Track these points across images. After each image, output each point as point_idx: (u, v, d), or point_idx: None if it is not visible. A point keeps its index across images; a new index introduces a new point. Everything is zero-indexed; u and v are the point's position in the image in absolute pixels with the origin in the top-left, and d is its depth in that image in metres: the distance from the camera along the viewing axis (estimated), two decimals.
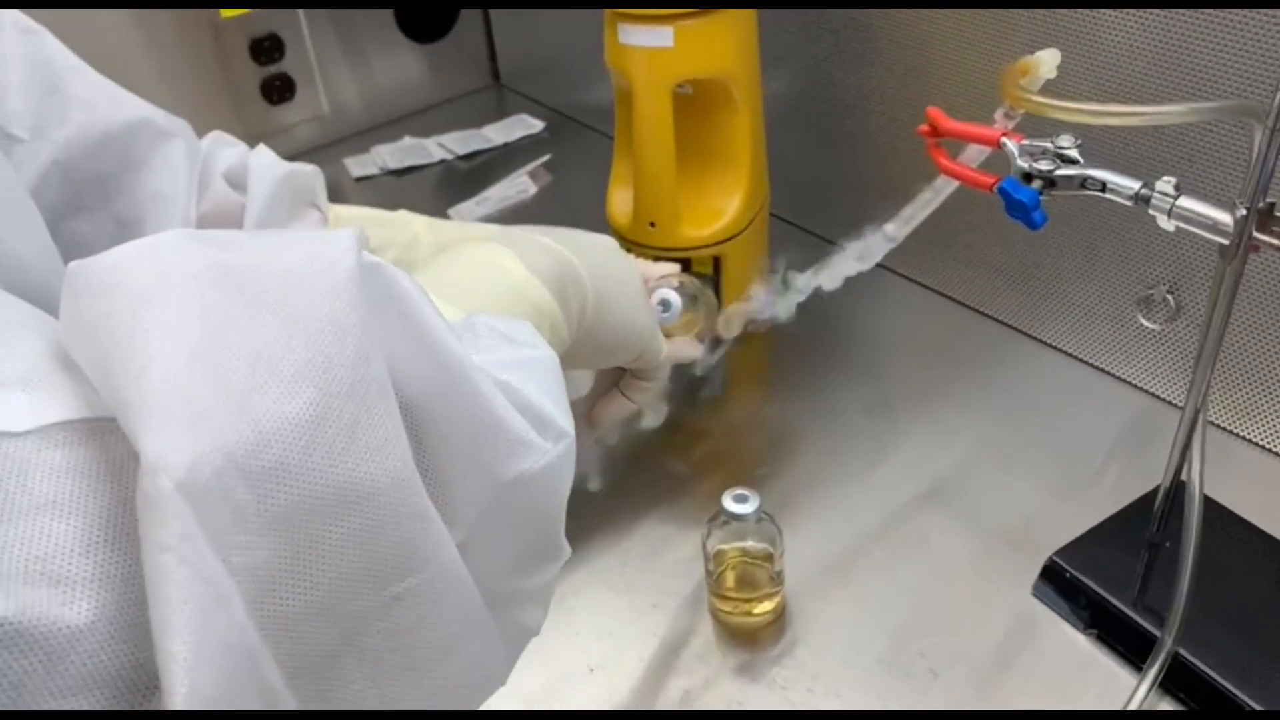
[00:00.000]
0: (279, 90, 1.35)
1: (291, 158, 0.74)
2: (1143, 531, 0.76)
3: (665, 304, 0.69)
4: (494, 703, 0.62)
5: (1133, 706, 0.67)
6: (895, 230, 0.79)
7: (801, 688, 0.72)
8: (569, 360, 0.60)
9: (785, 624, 0.77)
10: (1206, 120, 0.59)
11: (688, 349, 0.73)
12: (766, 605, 0.76)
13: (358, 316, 0.34)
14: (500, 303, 0.51)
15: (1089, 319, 0.96)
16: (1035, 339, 1.01)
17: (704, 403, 0.99)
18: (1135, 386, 0.94)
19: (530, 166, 1.30)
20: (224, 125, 1.35)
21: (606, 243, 0.64)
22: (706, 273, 0.99)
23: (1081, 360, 0.98)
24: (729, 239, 0.96)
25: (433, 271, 0.52)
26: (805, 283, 0.81)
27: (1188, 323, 0.88)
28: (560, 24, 1.43)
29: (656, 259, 0.94)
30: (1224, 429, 0.89)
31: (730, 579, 0.76)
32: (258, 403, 0.31)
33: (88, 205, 0.63)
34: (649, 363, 0.66)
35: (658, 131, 0.89)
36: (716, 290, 0.99)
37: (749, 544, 0.74)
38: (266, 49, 1.32)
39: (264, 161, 0.69)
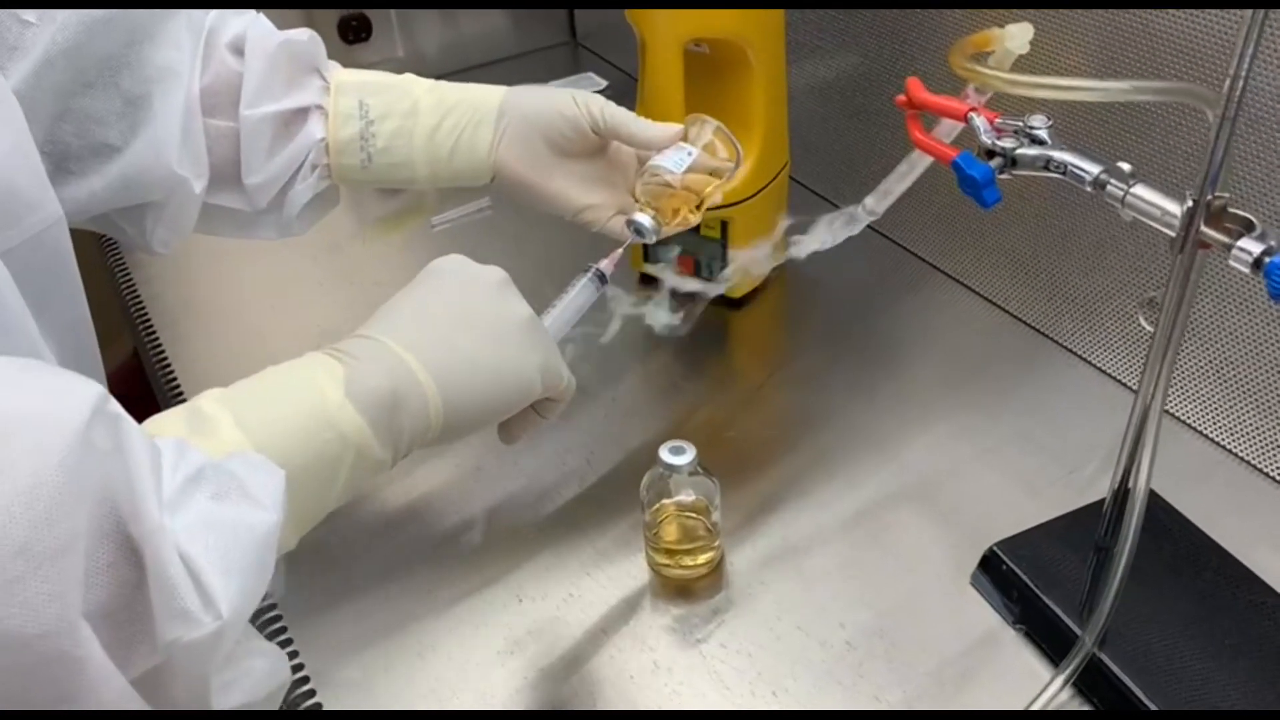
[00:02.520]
0: (355, 30, 1.40)
1: None
2: (1092, 534, 0.74)
3: (639, 230, 0.75)
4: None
5: (1039, 703, 0.65)
6: (874, 204, 0.79)
7: (716, 642, 0.72)
8: (442, 440, 0.61)
9: (721, 585, 0.77)
10: (1153, 99, 0.56)
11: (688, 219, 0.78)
12: (700, 559, 0.76)
13: (62, 477, 0.38)
14: (302, 431, 0.52)
15: (1098, 321, 0.93)
16: (1048, 337, 0.98)
17: (701, 362, 0.99)
18: (1133, 390, 0.91)
19: None
20: None
21: (478, 301, 0.64)
22: (714, 236, 0.99)
23: (1088, 362, 0.95)
24: (736, 203, 0.96)
25: (249, 388, 0.54)
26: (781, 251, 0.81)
27: (1192, 329, 0.85)
28: None
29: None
30: (1229, 450, 0.85)
31: (668, 532, 0.77)
32: None
33: (94, 81, 0.66)
34: (557, 396, 0.67)
35: (667, 86, 0.89)
36: (723, 254, 0.99)
37: (683, 497, 0.75)
38: None
39: (259, 32, 0.72)
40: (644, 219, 0.75)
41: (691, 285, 0.87)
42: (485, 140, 0.76)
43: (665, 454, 0.73)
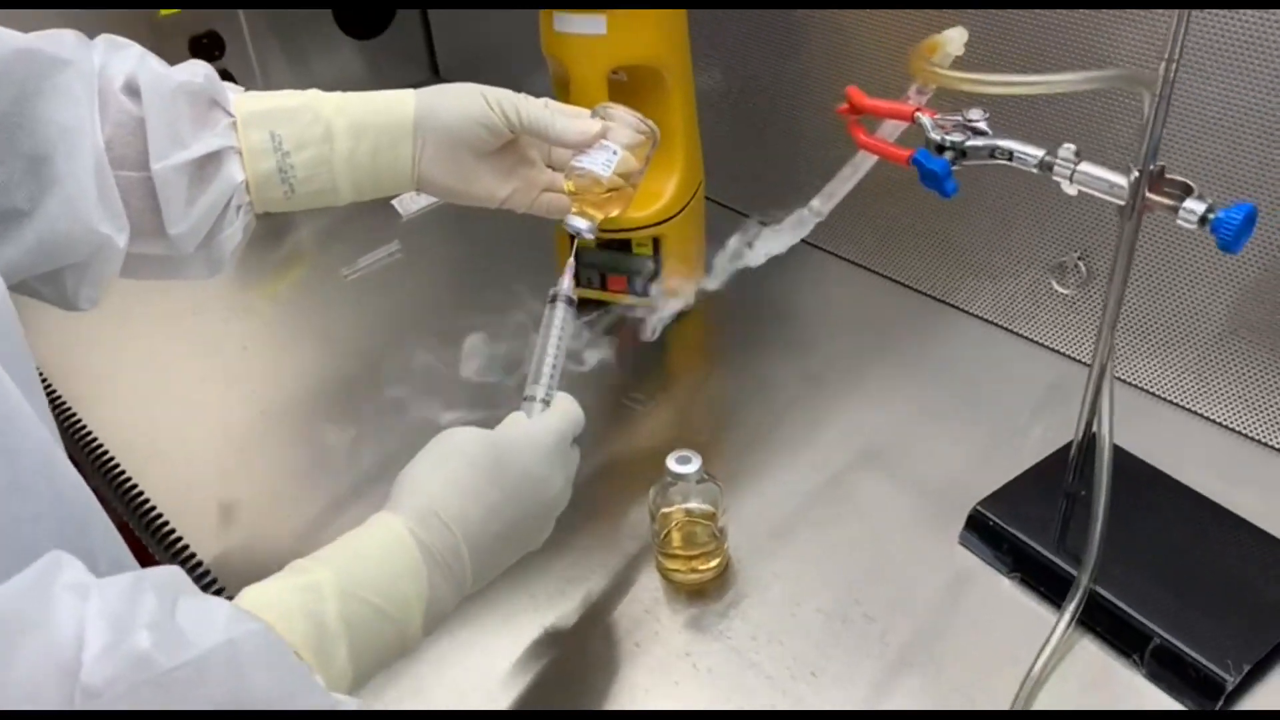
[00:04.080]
0: None
1: None
2: (1058, 482, 0.81)
3: (577, 233, 0.78)
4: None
5: (1054, 641, 0.72)
6: (820, 205, 0.84)
7: (745, 636, 0.76)
8: None
9: (729, 580, 0.81)
10: (1100, 88, 0.63)
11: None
12: (711, 563, 0.80)
13: None
14: (381, 662, 0.59)
15: (1007, 287, 1.01)
16: (958, 308, 1.06)
17: (646, 376, 1.02)
18: (1052, 350, 1.00)
19: None
20: None
21: (535, 507, 0.68)
22: (646, 253, 1.02)
23: (1002, 327, 1.03)
24: (666, 220, 0.99)
25: (363, 608, 0.57)
26: (734, 258, 0.85)
27: (1100, 288, 0.94)
28: (498, 17, 1.46)
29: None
30: (1150, 392, 0.94)
31: (676, 538, 0.80)
32: None
33: None
34: None
35: None
36: (656, 269, 1.03)
37: (692, 504, 0.78)
38: (205, 46, 1.33)
39: (152, 76, 0.70)
40: (580, 223, 0.78)
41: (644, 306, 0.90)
42: (405, 158, 0.77)
43: (673, 463, 0.76)
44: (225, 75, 1.36)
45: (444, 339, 1.07)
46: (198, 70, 0.72)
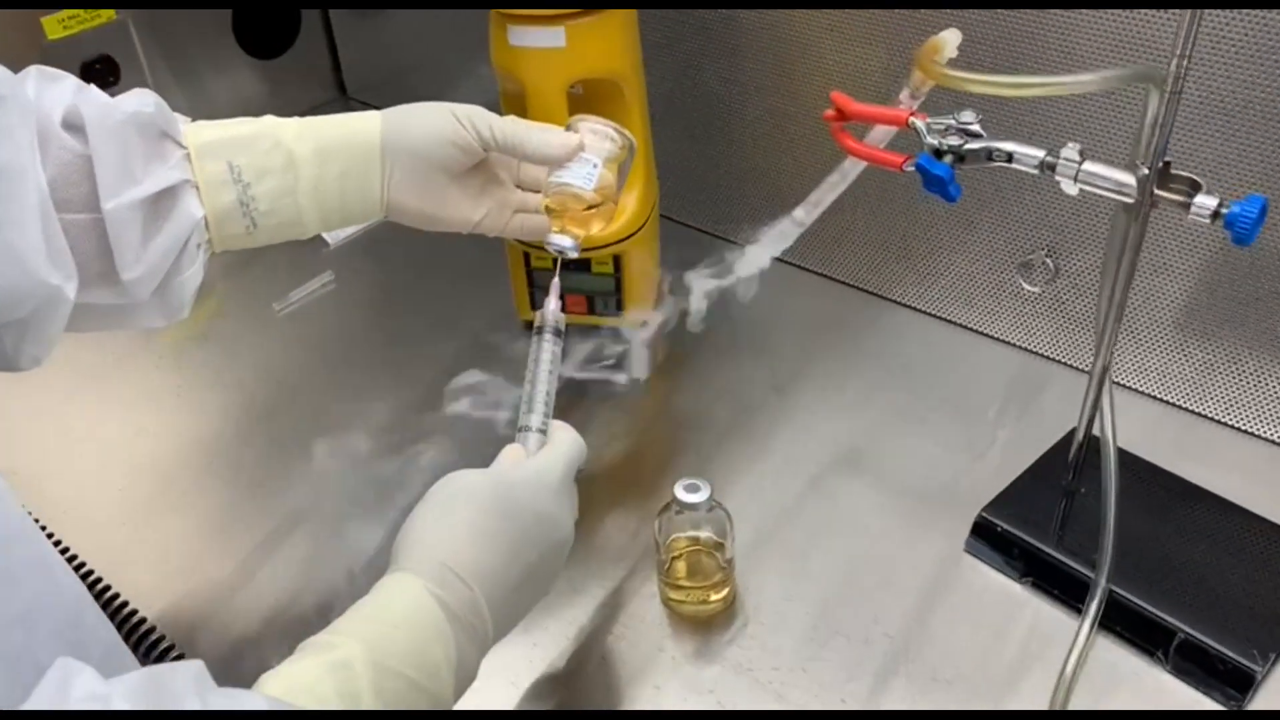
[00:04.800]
0: None
1: None
2: (1057, 482, 0.81)
3: (562, 251, 0.75)
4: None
5: (1079, 643, 0.71)
6: (804, 215, 0.82)
7: (766, 667, 0.73)
8: None
9: (736, 606, 0.78)
10: (1112, 88, 0.63)
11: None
12: (721, 593, 0.77)
13: None
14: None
15: (969, 287, 1.01)
16: (920, 311, 1.06)
17: (619, 400, 0.98)
18: (1015, 346, 1.00)
19: None
20: None
21: (550, 552, 0.64)
22: (607, 271, 0.99)
23: (963, 326, 1.03)
24: (628, 237, 0.96)
25: (395, 677, 0.54)
26: (721, 276, 0.83)
27: (1066, 283, 0.94)
28: (406, 32, 1.41)
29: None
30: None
31: (680, 568, 0.77)
32: None
33: None
34: None
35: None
36: (618, 287, 0.99)
37: (702, 533, 0.75)
38: (99, 71, 1.24)
39: (96, 109, 0.64)
40: (564, 240, 0.74)
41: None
42: (374, 183, 0.72)
43: (681, 492, 0.73)
44: None
45: (389, 372, 1.03)
46: (146, 99, 0.66)
